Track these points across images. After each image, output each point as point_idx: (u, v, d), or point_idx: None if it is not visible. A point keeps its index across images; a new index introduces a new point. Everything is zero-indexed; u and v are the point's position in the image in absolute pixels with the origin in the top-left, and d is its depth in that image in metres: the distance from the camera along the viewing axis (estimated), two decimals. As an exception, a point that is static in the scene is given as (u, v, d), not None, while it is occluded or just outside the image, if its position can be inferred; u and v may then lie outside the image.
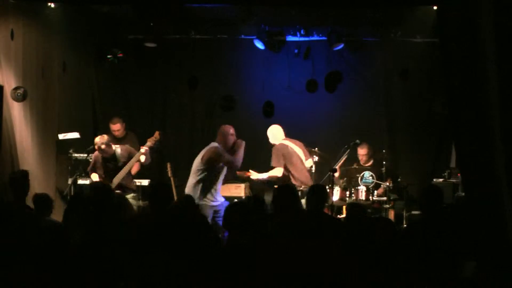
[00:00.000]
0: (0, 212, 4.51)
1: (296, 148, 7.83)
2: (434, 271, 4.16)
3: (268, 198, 6.35)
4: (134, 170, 8.27)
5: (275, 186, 7.44)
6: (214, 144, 6.85)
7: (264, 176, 7.86)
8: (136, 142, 8.40)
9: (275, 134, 7.94)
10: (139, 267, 3.83)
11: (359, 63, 9.38)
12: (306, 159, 7.91)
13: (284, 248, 4.07)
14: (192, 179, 6.77)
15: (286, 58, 9.26)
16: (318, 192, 5.28)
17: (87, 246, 4.09)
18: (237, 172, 7.81)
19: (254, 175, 7.92)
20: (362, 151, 8.54)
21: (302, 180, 7.63)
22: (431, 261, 4.25)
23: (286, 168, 7.68)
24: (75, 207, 4.78)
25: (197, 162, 6.79)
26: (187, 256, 3.83)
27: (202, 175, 6.69)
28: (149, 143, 7.35)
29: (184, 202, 5.57)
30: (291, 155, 7.70)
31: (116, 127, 8.40)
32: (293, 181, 7.59)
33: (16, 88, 7.43)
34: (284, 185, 5.86)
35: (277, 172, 7.66)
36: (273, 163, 7.75)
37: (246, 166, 7.89)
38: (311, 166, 8.08)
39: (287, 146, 7.76)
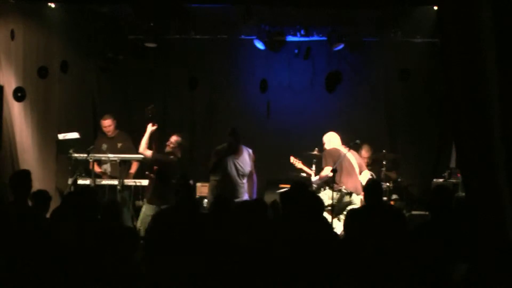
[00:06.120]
0: (1, 212, 4.51)
1: (352, 157, 7.78)
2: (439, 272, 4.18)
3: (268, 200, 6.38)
4: (133, 169, 8.28)
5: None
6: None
7: (317, 177, 7.90)
8: (129, 140, 8.40)
9: (331, 139, 7.95)
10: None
11: (359, 63, 9.38)
12: (361, 171, 7.82)
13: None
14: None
15: (286, 58, 9.26)
16: (376, 187, 5.58)
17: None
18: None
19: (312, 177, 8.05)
20: (365, 154, 8.55)
21: (348, 186, 7.55)
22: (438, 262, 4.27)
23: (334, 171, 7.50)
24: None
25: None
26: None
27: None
28: None
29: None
30: (342, 160, 7.58)
31: (107, 123, 8.38)
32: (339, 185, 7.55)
33: (16, 89, 7.43)
34: (297, 185, 5.73)
35: (327, 171, 7.59)
36: (323, 164, 7.72)
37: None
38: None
39: (339, 150, 7.72)
